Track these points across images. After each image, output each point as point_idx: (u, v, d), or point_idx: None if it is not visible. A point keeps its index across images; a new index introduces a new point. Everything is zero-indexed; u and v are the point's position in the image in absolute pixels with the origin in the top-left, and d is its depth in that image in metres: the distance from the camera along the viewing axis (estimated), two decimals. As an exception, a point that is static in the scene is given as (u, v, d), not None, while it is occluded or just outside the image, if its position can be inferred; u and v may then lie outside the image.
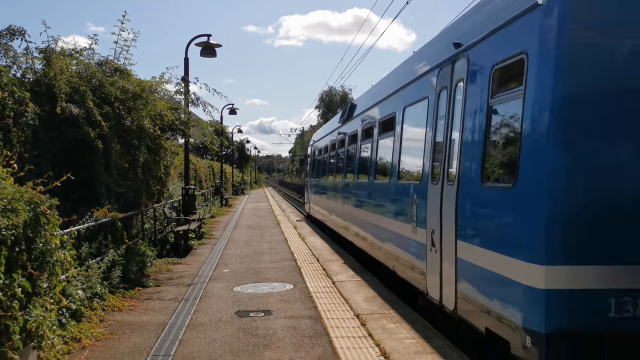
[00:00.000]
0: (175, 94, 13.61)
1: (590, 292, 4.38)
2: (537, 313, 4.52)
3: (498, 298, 5.18)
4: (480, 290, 5.56)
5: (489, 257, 5.31)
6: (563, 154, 4.52)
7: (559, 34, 4.56)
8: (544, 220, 4.51)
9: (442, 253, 6.57)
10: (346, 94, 65.89)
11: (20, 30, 9.42)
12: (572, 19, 4.56)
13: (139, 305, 8.56)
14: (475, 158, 5.78)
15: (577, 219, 4.46)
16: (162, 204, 14.71)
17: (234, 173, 58.14)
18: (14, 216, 4.59)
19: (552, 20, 4.62)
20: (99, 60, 11.51)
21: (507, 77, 5.34)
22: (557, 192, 4.50)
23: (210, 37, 16.46)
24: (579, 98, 4.56)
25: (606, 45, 4.54)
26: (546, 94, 4.62)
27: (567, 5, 4.54)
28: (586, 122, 4.53)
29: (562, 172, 4.52)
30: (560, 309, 4.43)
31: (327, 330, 7.00)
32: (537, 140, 4.68)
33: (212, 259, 13.02)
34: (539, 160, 4.64)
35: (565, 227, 4.47)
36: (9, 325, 4.39)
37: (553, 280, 4.42)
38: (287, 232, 18.50)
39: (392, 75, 10.74)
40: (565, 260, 4.42)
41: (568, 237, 4.45)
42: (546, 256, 4.45)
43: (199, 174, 32.77)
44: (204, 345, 6.50)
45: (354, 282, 9.99)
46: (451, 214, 6.26)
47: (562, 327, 4.43)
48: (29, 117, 7.92)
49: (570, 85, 4.57)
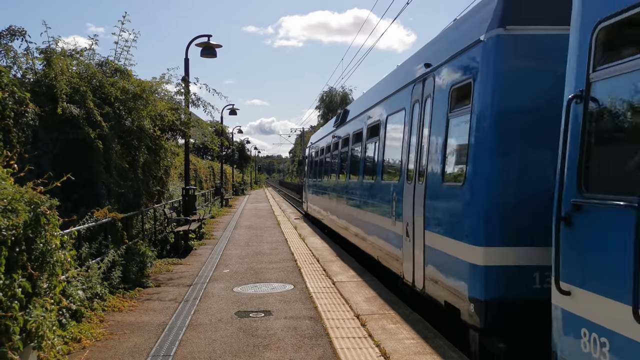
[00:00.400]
0: (175, 95, 13.61)
1: (518, 267, 5.50)
2: (478, 285, 5.69)
3: (452, 275, 6.34)
4: (441, 270, 6.73)
5: (447, 243, 6.52)
6: (498, 160, 5.74)
7: (495, 64, 5.80)
8: (483, 212, 5.75)
9: (414, 242, 7.72)
10: (346, 94, 65.84)
11: (21, 30, 9.42)
12: (504, 54, 5.76)
13: (139, 305, 8.56)
14: (438, 161, 6.99)
15: (507, 211, 5.63)
16: (162, 205, 14.71)
17: (234, 173, 58.15)
18: (14, 216, 4.59)
19: (489, 53, 5.85)
20: (99, 60, 11.51)
21: (461, 96, 6.54)
22: (493, 190, 5.73)
23: (210, 38, 16.48)
24: (509, 116, 5.74)
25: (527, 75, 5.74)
26: (485, 111, 5.85)
27: (501, 42, 5.74)
28: (514, 135, 5.72)
29: (496, 175, 5.74)
30: (496, 281, 5.59)
31: (327, 331, 7.00)
32: (479, 148, 5.88)
33: (212, 259, 13.02)
34: (480, 165, 5.86)
35: (498, 218, 5.66)
36: (9, 326, 4.39)
37: (490, 258, 5.61)
38: (288, 233, 18.50)
39: (379, 86, 12.00)
40: (498, 243, 5.60)
41: (501, 225, 5.64)
42: (484, 240, 5.65)
43: (199, 175, 32.78)
44: (204, 345, 6.50)
45: (354, 283, 9.99)
46: (421, 208, 7.47)
47: (497, 295, 5.55)
48: (29, 117, 7.92)
49: (502, 105, 5.75)
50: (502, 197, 5.70)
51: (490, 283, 5.59)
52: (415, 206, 7.70)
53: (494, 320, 5.58)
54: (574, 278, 3.94)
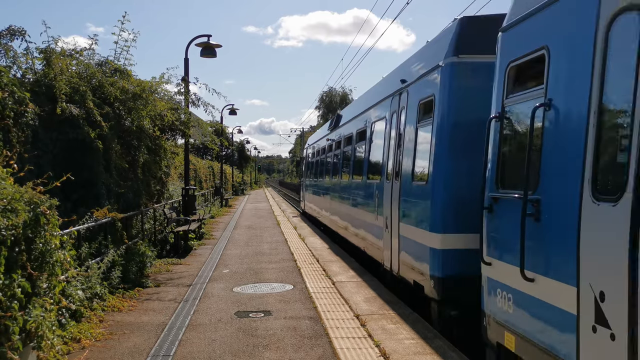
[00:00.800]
0: (175, 95, 13.60)
1: (467, 250, 6.56)
2: (436, 265, 7.09)
3: (418, 259, 7.69)
4: (411, 255, 8.08)
5: (415, 232, 7.88)
6: (452, 163, 7.13)
7: (451, 83, 7.19)
8: (441, 205, 7.14)
9: (392, 232, 9.01)
10: (346, 94, 65.76)
11: (21, 30, 9.42)
12: (454, 75, 7.16)
13: (138, 305, 8.56)
14: (410, 164, 8.27)
15: (459, 205, 6.90)
16: (162, 205, 14.70)
17: (234, 173, 58.14)
18: (13, 216, 4.58)
19: (446, 75, 7.25)
20: (99, 60, 11.50)
21: (426, 109, 7.88)
22: (449, 187, 7.10)
23: (210, 38, 16.47)
24: (460, 127, 7.10)
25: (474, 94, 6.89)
26: (443, 122, 7.24)
27: (455, 68, 7.16)
28: (463, 143, 7.00)
29: (451, 175, 7.12)
30: (450, 262, 6.96)
31: (327, 331, 7.00)
32: (438, 153, 7.26)
33: (212, 259, 13.02)
34: (439, 167, 7.24)
35: (453, 210, 7.00)
36: (9, 326, 4.39)
37: (446, 243, 7.00)
38: (287, 233, 18.50)
39: (366, 95, 13.47)
40: (452, 230, 6.98)
41: (454, 216, 6.97)
42: (442, 228, 7.06)
43: (199, 175, 32.77)
44: (203, 345, 6.50)
45: (353, 283, 9.99)
46: (397, 203, 8.78)
47: (451, 273, 6.92)
48: (29, 117, 7.92)
49: (456, 118, 7.15)
50: (455, 193, 7.02)
51: (446, 263, 6.98)
52: (393, 202, 9.01)
53: (448, 293, 6.97)
54: (492, 252, 5.29)
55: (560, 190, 4.23)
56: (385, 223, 9.45)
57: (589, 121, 3.93)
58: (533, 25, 4.87)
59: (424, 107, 7.94)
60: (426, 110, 7.86)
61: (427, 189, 7.44)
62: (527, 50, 4.88)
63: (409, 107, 8.60)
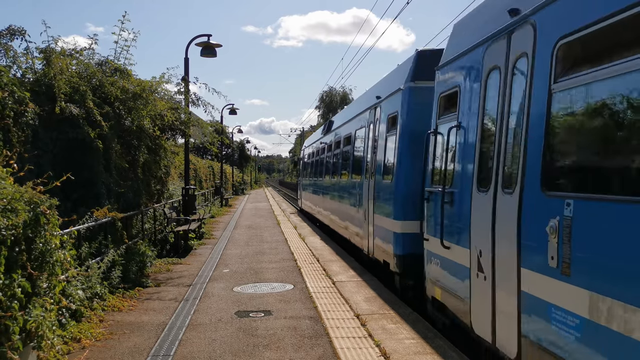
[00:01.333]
0: (175, 94, 13.58)
1: (418, 234, 7.98)
2: (398, 245, 9.03)
3: (386, 242, 9.65)
4: (381, 239, 10.05)
5: (384, 220, 9.81)
6: (409, 164, 8.93)
7: (408, 103, 9.24)
8: (400, 198, 9.06)
9: (368, 222, 10.98)
10: (346, 94, 65.65)
11: (20, 30, 9.41)
12: (411, 97, 9.19)
13: (138, 305, 8.55)
14: (381, 163, 10.33)
15: (414, 197, 8.52)
16: (162, 204, 14.69)
17: (234, 173, 58.12)
18: (13, 216, 4.58)
19: (405, 96, 9.30)
20: (99, 60, 11.49)
21: (393, 122, 9.85)
22: (405, 184, 8.99)
23: (210, 37, 16.46)
24: (414, 136, 8.78)
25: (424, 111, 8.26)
26: (403, 132, 9.23)
27: (411, 91, 9.19)
28: (416, 149, 8.43)
29: (406, 174, 8.99)
30: (406, 243, 8.84)
31: (327, 331, 7.00)
32: (399, 156, 9.24)
33: (212, 259, 13.01)
34: (400, 167, 9.17)
35: (409, 202, 8.80)
36: (9, 326, 4.38)
37: (404, 228, 8.89)
38: (287, 232, 18.50)
39: (353, 104, 16.17)
40: (409, 218, 8.80)
41: (411, 206, 8.71)
42: (402, 215, 8.95)
43: (199, 174, 32.75)
44: (204, 345, 6.50)
45: (354, 283, 9.99)
46: (372, 198, 10.71)
47: (407, 252, 8.82)
48: (28, 117, 7.91)
49: (411, 129, 8.99)
50: (412, 189, 8.67)
51: (405, 244, 8.88)
52: (369, 197, 10.96)
53: (406, 267, 8.86)
54: (428, 231, 7.29)
55: (463, 185, 6.02)
56: (364, 215, 11.39)
57: (477, 138, 5.75)
58: (452, 69, 6.80)
59: (392, 120, 9.90)
60: (393, 122, 9.80)
61: (392, 185, 9.38)
62: (449, 87, 6.86)
63: (381, 119, 10.63)
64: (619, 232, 3.48)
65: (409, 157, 8.91)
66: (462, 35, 6.76)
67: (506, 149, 5.07)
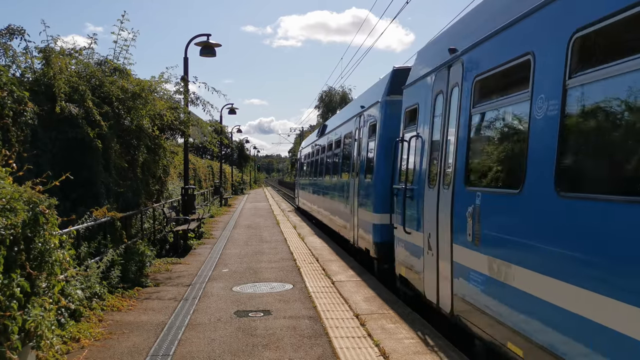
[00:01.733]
0: (174, 94, 13.58)
1: (389, 225, 9.40)
2: (375, 234, 10.62)
3: (366, 232, 11.26)
4: (363, 230, 11.64)
5: (365, 214, 11.43)
6: (384, 166, 10.43)
7: (384, 113, 10.85)
8: (379, 194, 10.48)
9: (354, 216, 12.61)
10: (346, 93, 65.53)
11: (20, 29, 9.40)
12: (387, 109, 10.78)
13: (138, 305, 8.55)
14: (364, 164, 11.97)
15: (387, 194, 9.65)
16: (161, 204, 14.68)
17: (234, 173, 58.11)
18: (12, 216, 4.58)
19: (382, 108, 10.94)
20: (98, 59, 11.47)
21: (373, 129, 11.47)
22: (382, 183, 10.37)
23: (209, 37, 16.44)
24: (389, 142, 10.25)
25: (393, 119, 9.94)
26: (381, 138, 10.82)
27: (388, 103, 10.79)
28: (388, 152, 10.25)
29: (383, 174, 10.40)
30: (383, 232, 10.30)
31: (326, 330, 7.00)
32: (377, 159, 10.83)
33: (212, 258, 13.01)
34: (378, 168, 10.74)
35: (385, 198, 10.08)
36: (8, 325, 4.38)
37: (380, 219, 10.41)
38: (287, 232, 18.49)
39: (344, 110, 17.93)
40: (383, 211, 10.20)
41: (385, 201, 10.09)
42: (381, 209, 10.39)
43: (199, 174, 32.74)
44: (203, 345, 6.49)
45: (353, 282, 9.99)
46: (356, 194, 12.42)
47: (382, 240, 10.35)
48: (28, 116, 7.90)
49: (386, 136, 10.53)
50: (387, 186, 9.79)
51: (381, 233, 10.35)
52: (355, 193, 12.57)
53: (383, 253, 10.30)
54: (396, 220, 8.73)
55: (420, 183, 7.58)
56: (350, 209, 13.04)
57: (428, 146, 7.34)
58: (414, 89, 8.39)
59: (372, 127, 11.56)
60: (373, 129, 11.43)
61: (372, 184, 10.99)
62: (411, 103, 8.42)
63: (364, 126, 12.30)
64: (501, 214, 5.22)
65: (385, 159, 10.42)
66: (422, 61, 8.35)
67: (446, 155, 6.67)
